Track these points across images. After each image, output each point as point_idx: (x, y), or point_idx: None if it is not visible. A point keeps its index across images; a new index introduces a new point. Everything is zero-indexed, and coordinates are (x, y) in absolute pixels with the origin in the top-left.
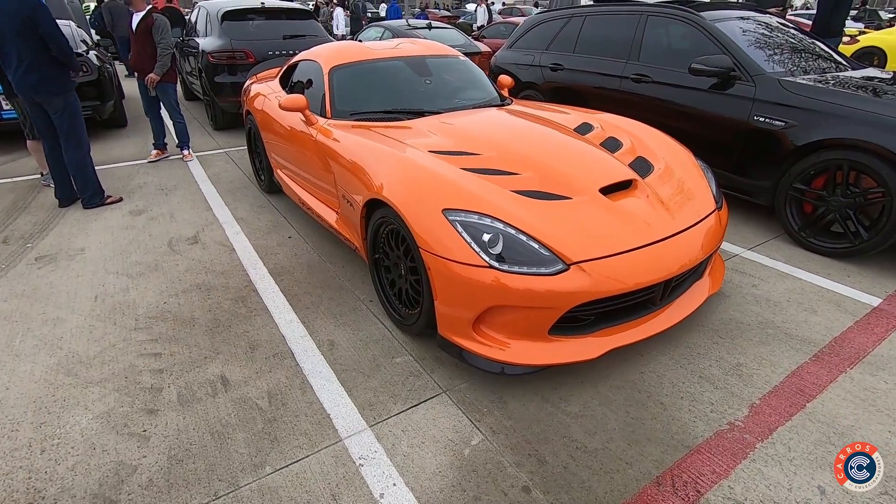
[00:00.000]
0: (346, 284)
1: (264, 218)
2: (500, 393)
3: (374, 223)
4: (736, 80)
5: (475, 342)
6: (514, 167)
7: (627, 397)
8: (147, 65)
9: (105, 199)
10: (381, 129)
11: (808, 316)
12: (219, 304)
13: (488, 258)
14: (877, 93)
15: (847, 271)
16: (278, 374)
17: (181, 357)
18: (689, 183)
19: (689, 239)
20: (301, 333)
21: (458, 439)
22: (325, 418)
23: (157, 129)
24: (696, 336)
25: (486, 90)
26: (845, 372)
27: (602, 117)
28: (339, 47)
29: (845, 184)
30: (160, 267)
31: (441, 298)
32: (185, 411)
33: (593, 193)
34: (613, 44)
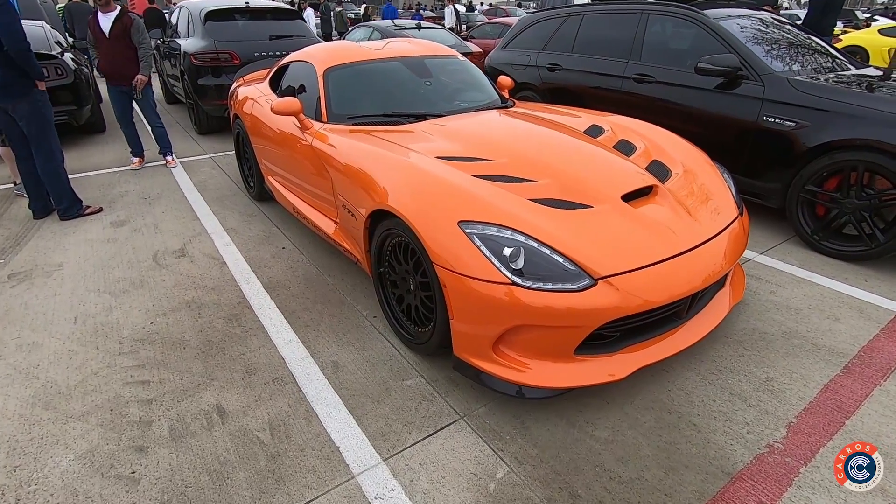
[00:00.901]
0: (346, 299)
1: (255, 227)
2: (522, 417)
3: (380, 235)
4: (743, 79)
5: (495, 364)
6: (529, 174)
7: (657, 419)
8: (125, 68)
9: (83, 209)
10: (381, 134)
11: (831, 324)
12: (211, 324)
13: (510, 274)
14: (888, 91)
15: (864, 275)
16: (279, 401)
17: (172, 385)
18: (710, 187)
19: (717, 248)
20: (302, 355)
21: (481, 472)
22: (335, 452)
23: (133, 137)
24: (720, 348)
25: (487, 92)
26: (879, 385)
27: (612, 119)
28: (334, 47)
29: (860, 185)
30: (145, 283)
31: (458, 317)
32: (178, 448)
33: (615, 201)
34: (613, 43)
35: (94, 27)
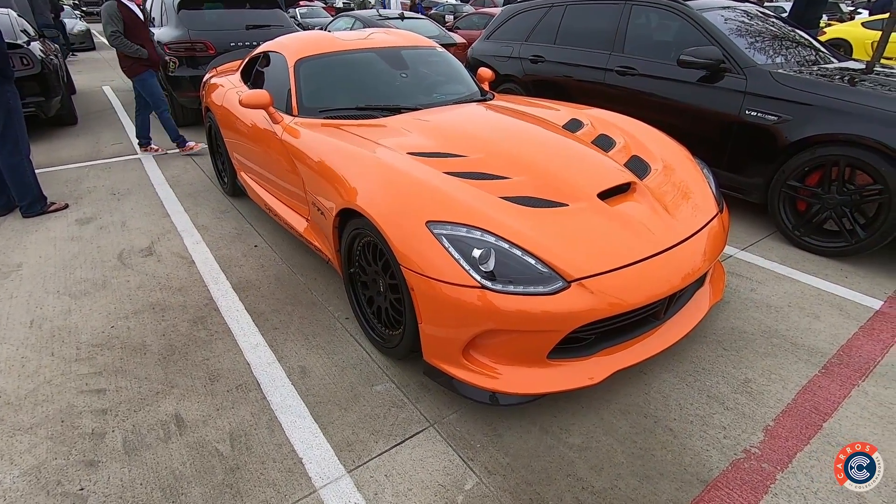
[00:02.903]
0: (318, 299)
1: (228, 225)
2: (495, 424)
3: (349, 234)
4: (726, 72)
5: (465, 369)
6: (504, 170)
7: (633, 424)
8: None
9: (48, 206)
10: (352, 128)
11: (811, 322)
12: (174, 327)
13: (479, 277)
14: (873, 85)
15: (844, 272)
16: (242, 410)
17: (129, 393)
18: (690, 184)
19: (695, 246)
20: (268, 360)
21: (449, 483)
22: (297, 463)
23: (169, 122)
24: (699, 349)
25: (466, 84)
26: (857, 385)
27: (591, 113)
28: (306, 37)
29: (841, 181)
30: (108, 284)
31: (426, 321)
32: (132, 461)
33: (592, 199)
34: (596, 35)
35: (129, 16)
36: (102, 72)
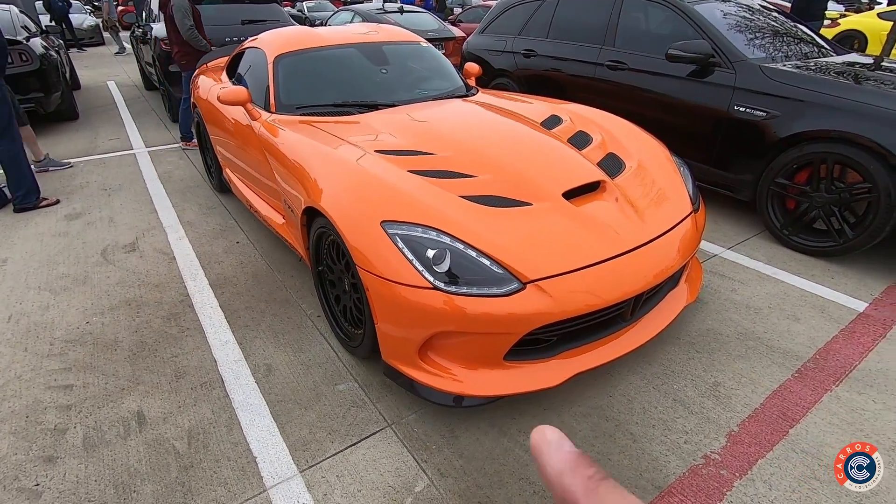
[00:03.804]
0: (292, 297)
1: (213, 221)
2: (453, 425)
3: (315, 233)
4: (716, 66)
5: (421, 371)
6: (471, 168)
7: (594, 427)
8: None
9: (39, 201)
10: (324, 126)
11: (790, 324)
12: (148, 324)
13: (432, 278)
14: (864, 81)
15: (831, 272)
16: (203, 407)
17: (95, 389)
18: (664, 182)
19: (663, 247)
20: (236, 357)
21: (399, 485)
22: (251, 462)
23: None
24: (670, 351)
25: (450, 79)
26: (830, 390)
27: (572, 109)
28: (287, 33)
29: (830, 179)
30: (89, 280)
31: (382, 321)
32: (89, 458)
33: (556, 199)
34: (588, 28)
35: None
36: (109, 67)
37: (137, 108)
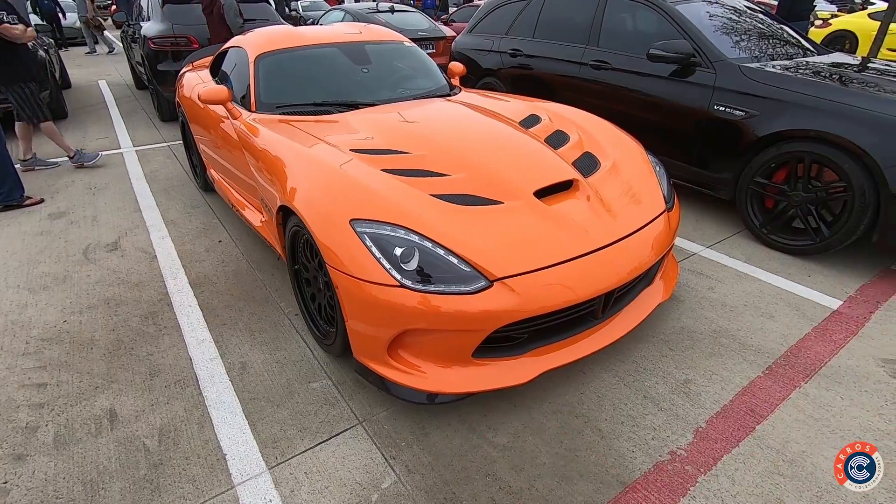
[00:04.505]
0: (272, 295)
1: (196, 220)
2: (424, 422)
3: (290, 231)
4: (696, 66)
5: (391, 368)
6: (445, 167)
7: (563, 424)
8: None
9: (23, 200)
10: (302, 125)
11: (764, 322)
12: (125, 322)
13: (400, 276)
14: (842, 81)
15: (808, 270)
16: (176, 405)
17: (68, 388)
18: (638, 181)
19: (633, 246)
20: (211, 355)
21: (367, 481)
22: (220, 460)
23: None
24: (644, 348)
25: (433, 79)
26: (799, 387)
27: (551, 108)
28: (269, 32)
29: (807, 177)
30: (69, 279)
31: (352, 319)
32: (59, 455)
33: (527, 197)
34: (572, 28)
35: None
36: (101, 66)
37: (127, 108)
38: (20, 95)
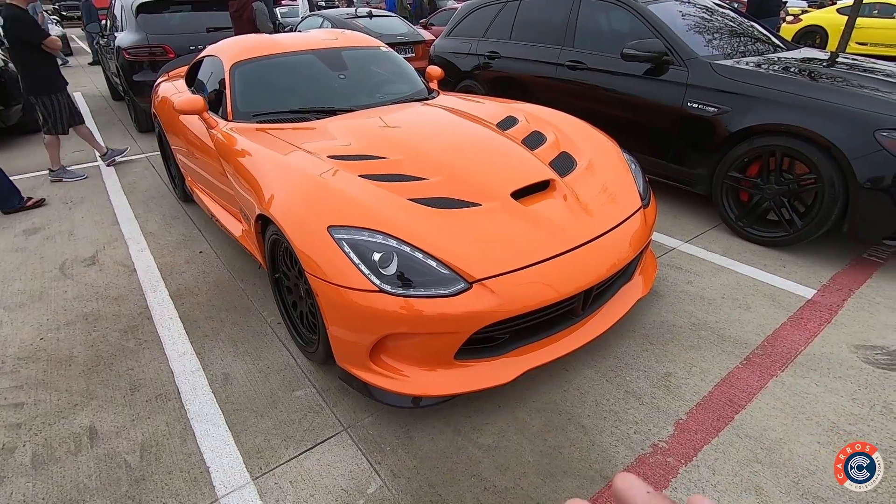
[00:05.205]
0: (254, 305)
1: (176, 231)
2: (408, 426)
3: (269, 240)
4: (669, 64)
5: (374, 374)
6: (422, 171)
7: (546, 422)
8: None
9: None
10: (279, 133)
11: (741, 313)
12: (104, 338)
13: (379, 280)
14: (810, 76)
15: (783, 261)
16: (158, 419)
17: (46, 406)
18: (614, 179)
19: (610, 243)
20: (193, 367)
21: (352, 488)
22: (203, 473)
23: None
24: (625, 344)
25: (411, 83)
26: (776, 376)
27: (528, 109)
28: (244, 41)
29: (778, 170)
30: (45, 295)
31: (333, 326)
32: (38, 476)
33: (504, 198)
34: (548, 29)
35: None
36: (76, 77)
37: (104, 119)
38: (49, 106)
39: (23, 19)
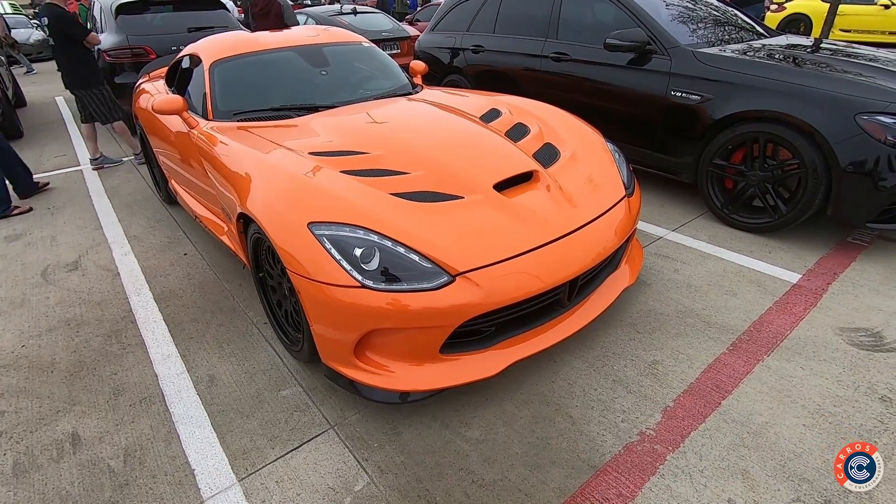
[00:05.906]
0: (239, 305)
1: (160, 234)
2: (396, 422)
3: (251, 239)
4: (652, 54)
5: (360, 370)
6: (404, 165)
7: (534, 413)
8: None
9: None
10: (260, 131)
11: (728, 300)
12: (87, 343)
13: (361, 276)
14: (792, 62)
15: (769, 247)
16: (142, 424)
17: (28, 414)
18: (597, 169)
19: (594, 232)
20: (178, 370)
21: (339, 485)
22: (188, 475)
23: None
24: (612, 333)
25: (394, 78)
26: (762, 361)
27: (511, 101)
28: (224, 39)
29: (762, 157)
30: (27, 302)
31: (316, 323)
32: (18, 485)
33: (487, 191)
34: (531, 22)
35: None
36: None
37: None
38: (98, 97)
39: (65, 17)
